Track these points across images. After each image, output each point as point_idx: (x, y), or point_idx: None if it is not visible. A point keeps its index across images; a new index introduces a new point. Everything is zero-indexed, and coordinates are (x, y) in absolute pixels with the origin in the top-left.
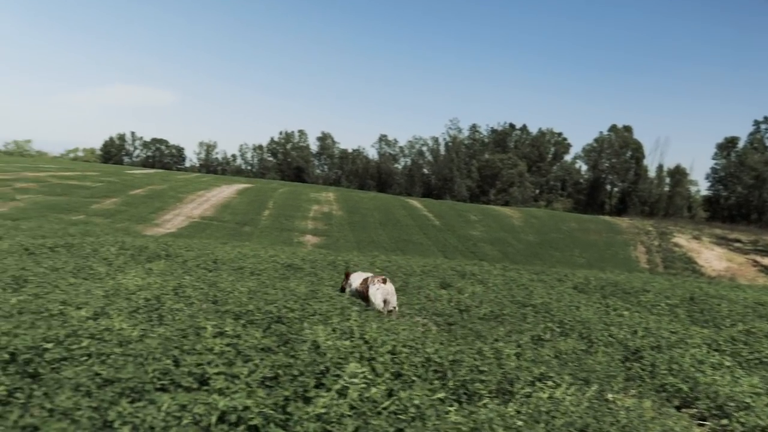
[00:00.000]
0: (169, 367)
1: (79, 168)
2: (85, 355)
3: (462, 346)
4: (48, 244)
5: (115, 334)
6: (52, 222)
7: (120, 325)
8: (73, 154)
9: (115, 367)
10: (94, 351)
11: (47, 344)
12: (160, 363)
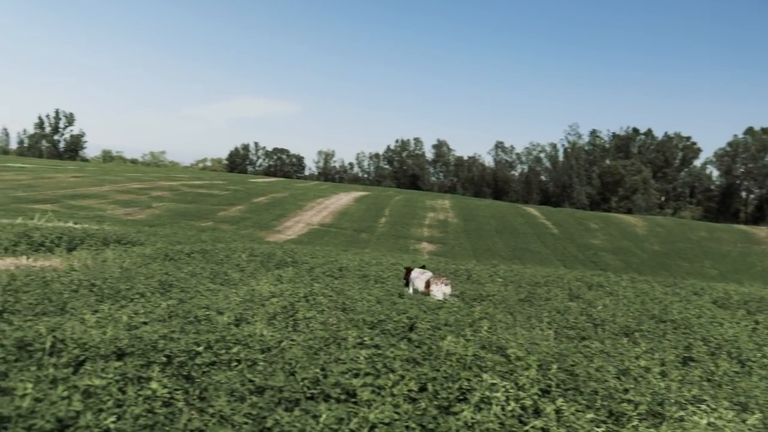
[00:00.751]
0: (318, 376)
1: (207, 177)
2: (235, 360)
3: (603, 362)
4: (185, 251)
5: (257, 340)
6: (183, 228)
7: (262, 332)
8: (202, 164)
9: (265, 374)
10: (243, 357)
11: (198, 348)
12: (309, 372)
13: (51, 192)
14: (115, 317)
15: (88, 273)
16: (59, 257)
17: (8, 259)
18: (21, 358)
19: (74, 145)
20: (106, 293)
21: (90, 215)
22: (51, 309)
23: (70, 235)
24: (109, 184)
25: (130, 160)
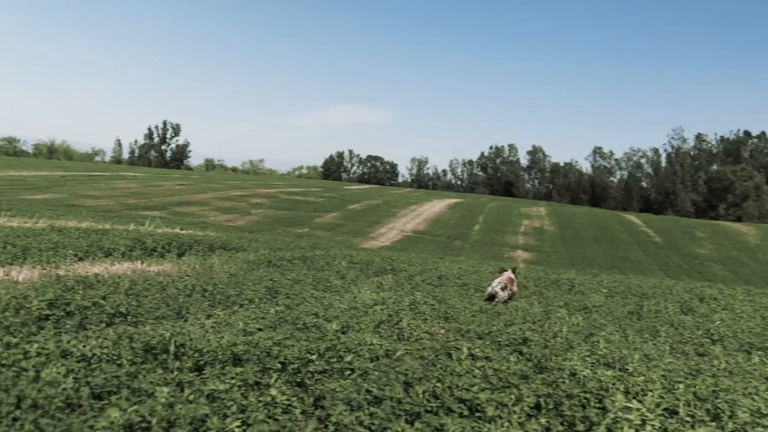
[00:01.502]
0: (437, 389)
1: (303, 184)
2: (348, 369)
3: (731, 383)
4: (286, 257)
5: (366, 349)
6: (281, 235)
7: (371, 340)
8: (298, 171)
9: (381, 384)
10: (357, 366)
11: (311, 356)
12: (427, 384)
13: (158, 199)
14: (230, 323)
15: (199, 278)
16: (170, 262)
17: (125, 264)
18: (147, 360)
19: (180, 154)
20: (218, 298)
21: (194, 221)
22: (169, 313)
23: (179, 241)
24: (211, 191)
25: (230, 168)
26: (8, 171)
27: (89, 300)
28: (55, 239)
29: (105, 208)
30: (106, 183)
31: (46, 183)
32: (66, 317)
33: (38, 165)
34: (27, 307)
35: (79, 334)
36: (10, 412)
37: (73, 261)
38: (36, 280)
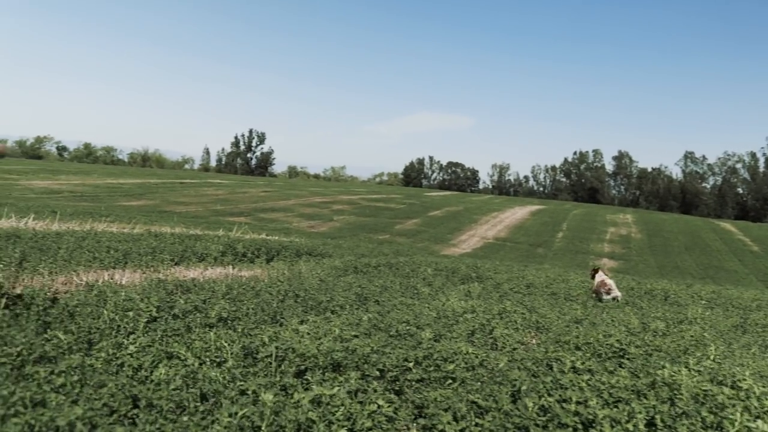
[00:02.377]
0: (549, 404)
1: (384, 191)
2: (448, 378)
3: None
4: (372, 264)
5: (462, 358)
6: (363, 241)
7: (466, 349)
8: (378, 178)
9: (485, 395)
10: (458, 375)
11: (409, 364)
12: (535, 396)
13: (244, 206)
14: (326, 329)
15: (291, 284)
16: (260, 267)
17: (218, 269)
18: (249, 364)
19: (264, 161)
20: (310, 304)
21: (278, 227)
22: (265, 318)
23: (267, 247)
24: (294, 198)
25: (313, 175)
26: (106, 179)
27: (191, 304)
28: (153, 244)
29: (194, 214)
30: (195, 190)
31: (140, 190)
32: (172, 320)
33: (133, 173)
34: (136, 309)
35: (184, 337)
36: (127, 412)
37: (169, 265)
38: (137, 284)
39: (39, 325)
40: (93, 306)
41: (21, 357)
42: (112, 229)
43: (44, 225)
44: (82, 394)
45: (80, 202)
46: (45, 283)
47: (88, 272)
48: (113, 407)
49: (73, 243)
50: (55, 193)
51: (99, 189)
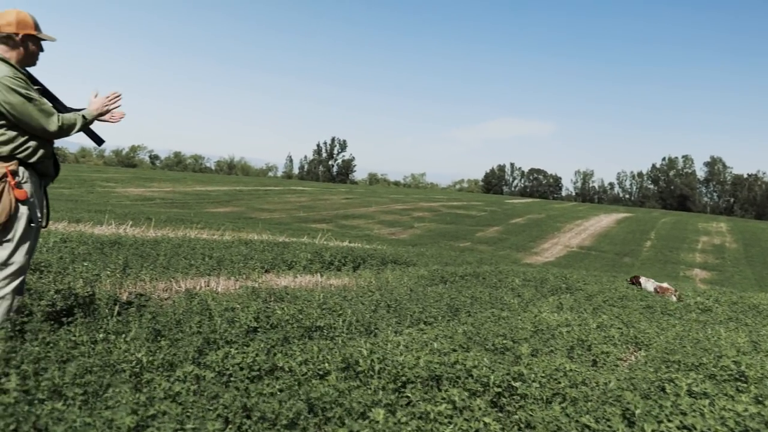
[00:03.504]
0: (669, 430)
1: (464, 198)
2: (556, 395)
3: None
4: (459, 273)
5: (564, 375)
6: (444, 248)
7: (569, 366)
8: (458, 185)
9: (596, 416)
10: (566, 393)
11: (512, 381)
12: (652, 421)
13: (326, 212)
14: (422, 341)
15: (382, 294)
16: (347, 276)
17: (307, 277)
18: (349, 376)
19: (345, 168)
20: (402, 314)
21: (359, 234)
22: (360, 328)
23: (353, 255)
24: (375, 205)
25: (392, 182)
26: (195, 186)
27: (288, 314)
28: (244, 252)
29: (278, 220)
30: (279, 197)
31: (227, 197)
32: (270, 330)
33: (220, 180)
34: (237, 320)
35: (284, 347)
36: (241, 424)
37: (260, 273)
38: (232, 291)
39: (150, 332)
40: (198, 315)
41: (140, 364)
42: (203, 236)
43: (141, 231)
44: (197, 404)
45: (171, 208)
46: (147, 289)
47: (185, 279)
48: (228, 418)
49: (170, 250)
50: (148, 200)
51: (188, 196)
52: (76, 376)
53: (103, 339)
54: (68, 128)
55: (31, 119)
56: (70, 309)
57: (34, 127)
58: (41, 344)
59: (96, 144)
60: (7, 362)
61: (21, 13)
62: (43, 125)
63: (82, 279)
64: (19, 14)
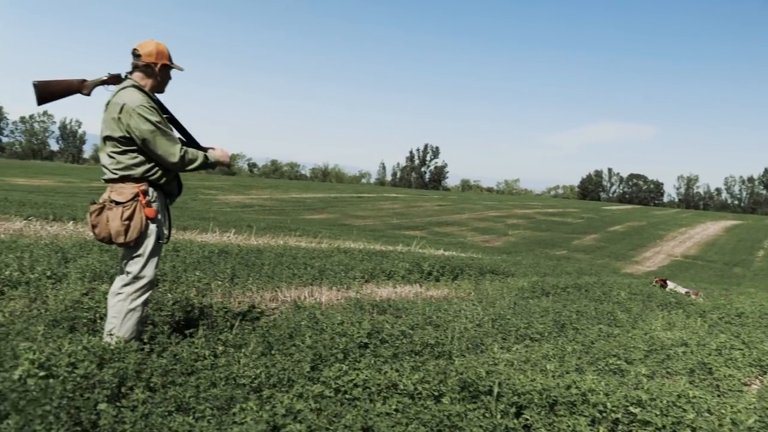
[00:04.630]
0: None
1: (560, 205)
2: (682, 427)
3: None
4: (560, 285)
5: (686, 402)
6: (539, 257)
7: (693, 393)
8: (553, 191)
9: None
10: (696, 425)
11: (631, 407)
12: None
13: (419, 219)
14: (532, 360)
15: (484, 307)
16: (446, 286)
17: (406, 287)
18: (464, 397)
19: (438, 175)
20: (508, 330)
21: (453, 242)
22: (469, 345)
23: (451, 265)
24: (468, 212)
25: (485, 188)
26: (291, 193)
27: (398, 329)
28: (344, 261)
29: (372, 227)
30: (372, 204)
31: (322, 204)
32: (381, 345)
33: (314, 187)
34: (349, 335)
35: (395, 364)
36: None
37: (361, 283)
38: (335, 302)
39: (265, 346)
40: (310, 329)
41: (259, 379)
42: (302, 244)
43: (243, 239)
44: (317, 423)
45: (269, 215)
46: (255, 299)
47: (289, 289)
48: None
49: (274, 259)
50: (248, 207)
51: (285, 203)
52: (201, 390)
53: (223, 352)
54: (188, 162)
55: (156, 148)
56: (188, 320)
57: (159, 155)
58: (168, 357)
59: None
60: (138, 374)
61: (159, 44)
62: (166, 156)
63: (194, 288)
64: (158, 45)
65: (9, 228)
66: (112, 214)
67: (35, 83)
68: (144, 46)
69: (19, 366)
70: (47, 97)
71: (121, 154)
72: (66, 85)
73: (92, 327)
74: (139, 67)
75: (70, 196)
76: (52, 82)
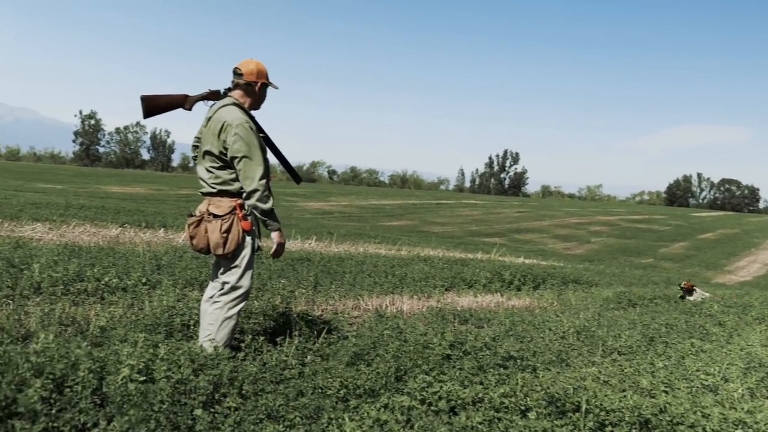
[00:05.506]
0: None
1: (645, 211)
2: None
3: None
4: (647, 296)
5: None
6: (624, 265)
7: None
8: (638, 197)
9: None
10: None
11: (734, 430)
12: None
13: (498, 226)
14: (621, 375)
15: (568, 318)
16: (527, 296)
17: (487, 296)
18: (550, 412)
19: (517, 181)
20: (592, 343)
21: (533, 249)
22: (552, 358)
23: (533, 274)
24: (548, 218)
25: (567, 194)
26: (370, 200)
27: (481, 341)
28: (425, 269)
29: (450, 234)
30: (451, 210)
31: (400, 210)
32: (464, 357)
33: (393, 194)
34: (431, 346)
35: (479, 377)
36: None
37: (442, 291)
38: (416, 311)
39: (350, 356)
40: (394, 339)
41: (345, 389)
42: (381, 251)
43: (324, 246)
44: None
45: (348, 221)
46: (338, 307)
47: (371, 297)
48: None
49: (355, 267)
50: (327, 214)
51: (364, 210)
52: (290, 398)
53: (311, 361)
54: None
55: (241, 169)
56: (275, 328)
57: (241, 176)
58: (258, 365)
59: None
60: (231, 382)
61: (260, 63)
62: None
63: (279, 296)
64: (258, 65)
65: (107, 235)
66: (212, 227)
67: (143, 97)
68: (246, 65)
69: (121, 371)
70: (153, 111)
71: (219, 169)
72: (170, 100)
73: (186, 332)
74: (240, 86)
75: (160, 203)
76: (158, 97)
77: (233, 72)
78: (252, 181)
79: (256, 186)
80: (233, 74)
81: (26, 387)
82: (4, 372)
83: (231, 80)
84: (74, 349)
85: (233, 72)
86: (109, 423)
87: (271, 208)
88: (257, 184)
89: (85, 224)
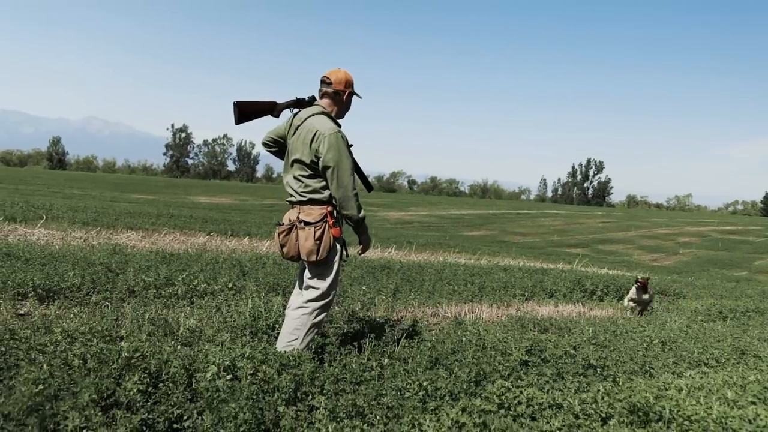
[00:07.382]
0: None
1: (740, 222)
2: None
3: None
4: (739, 308)
5: None
6: (716, 278)
7: None
8: (732, 207)
9: None
10: None
11: None
12: None
13: (581, 236)
14: (708, 387)
15: (654, 329)
16: (610, 306)
17: (568, 306)
18: (631, 421)
19: (601, 191)
20: (680, 354)
21: (617, 260)
22: (635, 368)
23: (616, 284)
24: (634, 229)
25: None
26: (450, 210)
27: (561, 349)
28: (504, 278)
29: (531, 244)
30: (532, 220)
31: (480, 220)
32: (542, 364)
33: (473, 204)
34: (509, 352)
35: (558, 383)
36: None
37: (522, 300)
38: (496, 319)
39: (429, 360)
40: (473, 345)
41: (424, 392)
42: (461, 260)
43: (404, 255)
44: None
45: (428, 231)
46: (417, 314)
47: (449, 305)
48: None
49: (434, 275)
50: (407, 223)
51: (443, 219)
52: (370, 398)
53: (390, 365)
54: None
55: (334, 178)
56: (355, 332)
57: (334, 184)
58: (339, 367)
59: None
60: (312, 381)
61: (347, 73)
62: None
63: (359, 302)
64: (347, 74)
65: (195, 243)
66: (304, 234)
67: (236, 103)
68: (334, 73)
69: (209, 369)
70: (244, 117)
71: (308, 178)
72: (260, 107)
73: (270, 335)
74: (328, 94)
75: (245, 213)
76: (250, 103)
77: (321, 81)
78: (345, 189)
79: (349, 195)
80: (321, 83)
81: (123, 381)
82: (102, 367)
83: (318, 89)
84: (165, 347)
85: (321, 81)
86: (199, 416)
87: (363, 216)
88: (350, 193)
89: (174, 232)
